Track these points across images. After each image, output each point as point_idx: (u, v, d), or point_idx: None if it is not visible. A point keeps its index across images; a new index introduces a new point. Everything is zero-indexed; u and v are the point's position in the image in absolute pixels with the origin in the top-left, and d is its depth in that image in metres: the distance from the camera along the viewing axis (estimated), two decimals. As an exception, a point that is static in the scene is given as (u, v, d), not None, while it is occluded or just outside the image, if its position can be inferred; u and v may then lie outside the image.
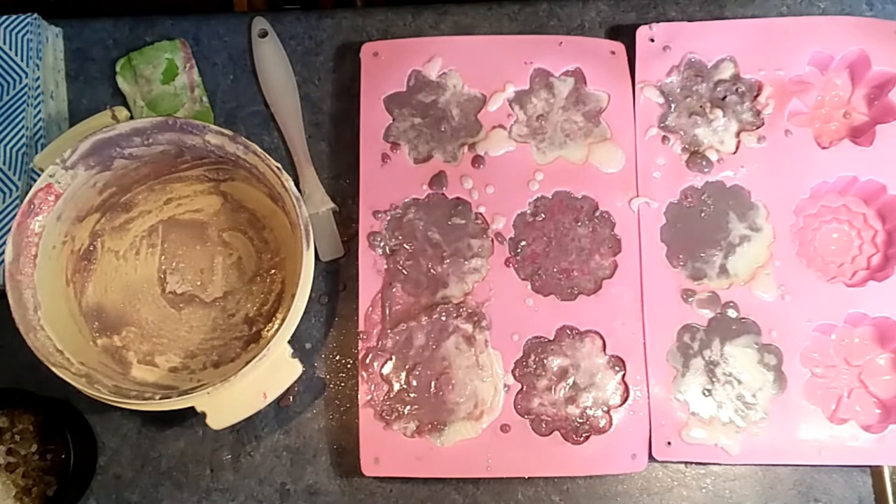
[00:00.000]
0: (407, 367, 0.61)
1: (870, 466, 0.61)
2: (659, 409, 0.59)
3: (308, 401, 0.63)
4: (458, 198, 0.64)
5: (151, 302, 0.65)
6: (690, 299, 0.61)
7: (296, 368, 0.56)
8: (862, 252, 0.65)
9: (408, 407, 0.60)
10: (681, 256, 0.62)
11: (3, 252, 0.59)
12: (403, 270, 0.62)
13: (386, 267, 0.62)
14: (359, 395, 0.60)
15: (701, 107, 0.65)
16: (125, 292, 0.65)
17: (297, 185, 0.63)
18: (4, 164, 0.64)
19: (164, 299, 0.65)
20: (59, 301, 0.61)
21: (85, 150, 0.58)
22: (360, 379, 0.60)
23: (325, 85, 0.69)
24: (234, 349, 0.63)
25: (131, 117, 0.66)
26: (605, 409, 0.60)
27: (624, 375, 0.60)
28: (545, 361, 0.61)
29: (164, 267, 0.65)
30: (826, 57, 0.65)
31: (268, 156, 0.57)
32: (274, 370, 0.56)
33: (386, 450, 0.59)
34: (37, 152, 0.64)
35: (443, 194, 0.64)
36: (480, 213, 0.63)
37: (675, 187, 0.63)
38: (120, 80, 0.68)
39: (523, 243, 0.63)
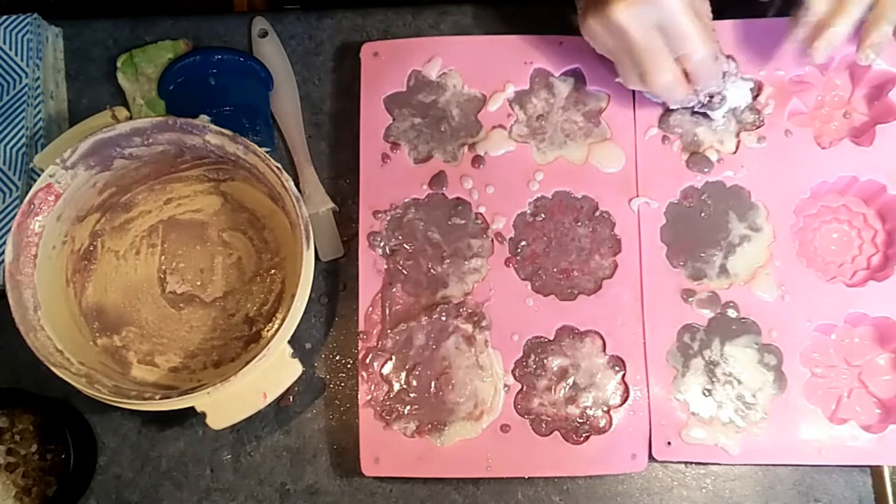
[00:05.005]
0: (407, 367, 0.61)
1: (870, 466, 0.61)
2: (659, 409, 0.59)
3: (308, 401, 0.63)
4: (458, 198, 0.64)
5: (151, 302, 0.65)
6: (690, 299, 0.61)
7: (296, 368, 0.56)
8: (862, 252, 0.65)
9: (408, 407, 0.60)
10: (681, 256, 0.62)
11: (3, 252, 0.59)
12: (403, 270, 0.62)
13: (386, 267, 0.62)
14: (359, 395, 0.60)
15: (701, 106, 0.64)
16: (125, 292, 0.65)
17: (297, 185, 0.63)
18: (4, 164, 0.64)
19: (164, 299, 0.65)
20: (59, 301, 0.61)
21: (85, 150, 0.58)
22: (360, 379, 0.60)
23: (325, 85, 0.69)
24: (234, 349, 0.63)
25: (131, 117, 0.66)
26: (605, 409, 0.60)
27: (624, 375, 0.60)
28: (545, 361, 0.61)
29: (164, 267, 0.65)
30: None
31: (268, 156, 0.57)
32: (274, 370, 0.56)
33: (386, 450, 0.59)
34: (37, 152, 0.64)
35: (443, 194, 0.64)
36: (480, 213, 0.63)
37: (675, 187, 0.63)
38: (120, 77, 0.68)
39: (523, 243, 0.63)
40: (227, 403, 0.55)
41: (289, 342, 0.56)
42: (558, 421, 0.60)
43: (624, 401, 0.60)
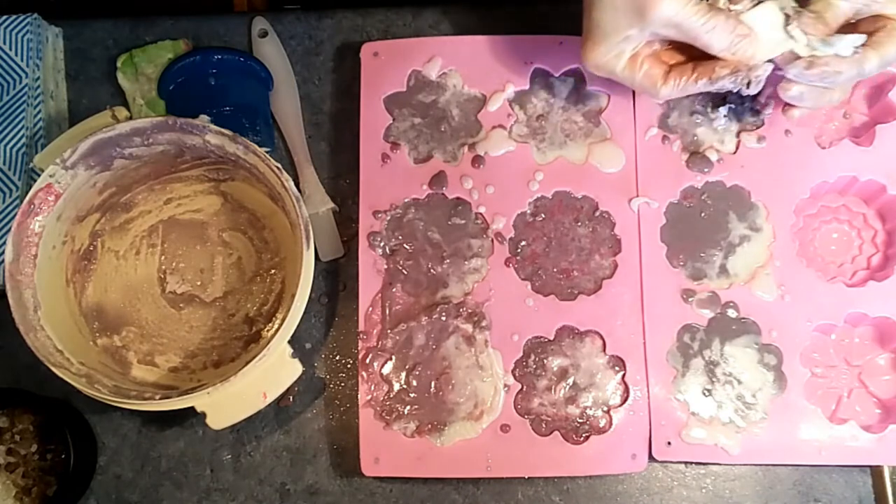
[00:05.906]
0: (407, 367, 0.61)
1: (870, 466, 0.61)
2: (659, 409, 0.59)
3: (308, 401, 0.63)
4: (458, 198, 0.64)
5: (151, 302, 0.65)
6: (690, 299, 0.61)
7: (296, 368, 0.56)
8: (862, 252, 0.65)
9: (408, 407, 0.60)
10: (681, 256, 0.62)
11: (3, 252, 0.59)
12: (403, 270, 0.62)
13: (386, 267, 0.62)
14: (359, 395, 0.60)
15: (701, 106, 0.64)
16: (125, 292, 0.65)
17: (297, 185, 0.63)
18: (4, 164, 0.64)
19: (164, 299, 0.65)
20: (59, 301, 0.61)
21: (85, 150, 0.58)
22: (360, 379, 0.60)
23: (325, 85, 0.69)
24: (234, 349, 0.63)
25: (131, 117, 0.66)
26: (605, 409, 0.60)
27: (624, 375, 0.60)
28: (545, 361, 0.61)
29: (164, 267, 0.65)
30: (826, 57, 0.65)
31: (268, 156, 0.57)
32: (274, 370, 0.56)
33: (386, 450, 0.59)
34: (37, 152, 0.64)
35: (443, 194, 0.64)
36: (480, 213, 0.63)
37: (675, 187, 0.63)
38: (120, 77, 0.68)
39: (523, 243, 0.63)
40: (227, 403, 0.55)
41: (289, 342, 0.56)
42: (558, 421, 0.60)
43: (624, 401, 0.60)
